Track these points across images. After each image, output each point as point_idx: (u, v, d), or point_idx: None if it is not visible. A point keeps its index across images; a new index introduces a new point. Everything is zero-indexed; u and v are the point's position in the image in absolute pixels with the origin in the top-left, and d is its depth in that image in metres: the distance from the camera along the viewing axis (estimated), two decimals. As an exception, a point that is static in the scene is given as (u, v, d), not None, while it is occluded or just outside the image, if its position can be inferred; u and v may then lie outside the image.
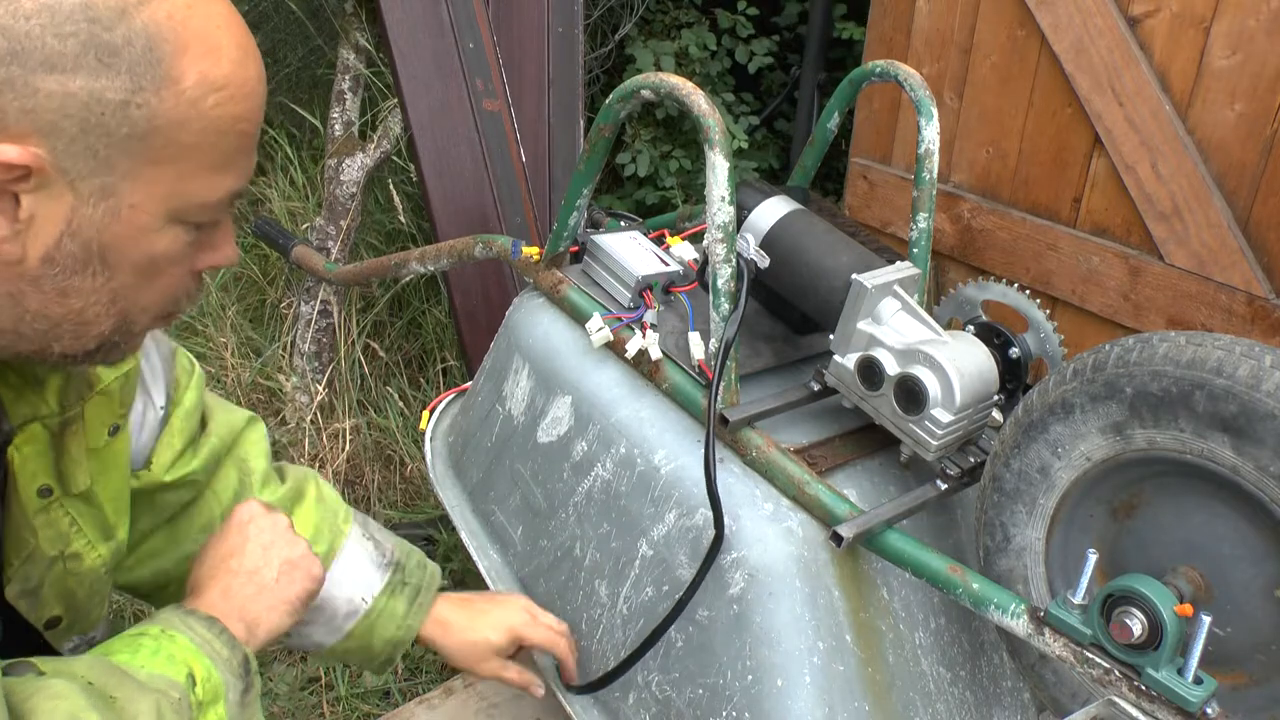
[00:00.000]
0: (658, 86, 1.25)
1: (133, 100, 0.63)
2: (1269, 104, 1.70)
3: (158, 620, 0.83)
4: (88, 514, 0.89)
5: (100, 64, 0.62)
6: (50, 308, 0.68)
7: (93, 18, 0.61)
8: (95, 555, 0.90)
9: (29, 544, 0.84)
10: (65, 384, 0.83)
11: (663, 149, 3.05)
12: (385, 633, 1.13)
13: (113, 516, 0.92)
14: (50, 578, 0.87)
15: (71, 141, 0.63)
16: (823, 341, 1.34)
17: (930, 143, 1.43)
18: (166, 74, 0.64)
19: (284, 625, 0.92)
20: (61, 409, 0.83)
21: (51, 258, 0.66)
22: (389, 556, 1.15)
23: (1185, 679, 0.92)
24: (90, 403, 0.86)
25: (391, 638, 1.13)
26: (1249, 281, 1.77)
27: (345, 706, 1.81)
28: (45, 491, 0.84)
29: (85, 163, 0.64)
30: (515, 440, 1.50)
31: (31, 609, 0.87)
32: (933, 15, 2.20)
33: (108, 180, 0.65)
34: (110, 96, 0.63)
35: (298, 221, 2.67)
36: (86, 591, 0.92)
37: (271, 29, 3.46)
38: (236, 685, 0.83)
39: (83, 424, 0.85)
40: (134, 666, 0.76)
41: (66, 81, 0.61)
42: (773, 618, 1.14)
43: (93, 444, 0.87)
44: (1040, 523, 1.12)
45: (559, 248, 1.51)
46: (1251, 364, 0.90)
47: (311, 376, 2.36)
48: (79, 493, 0.87)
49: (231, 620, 0.87)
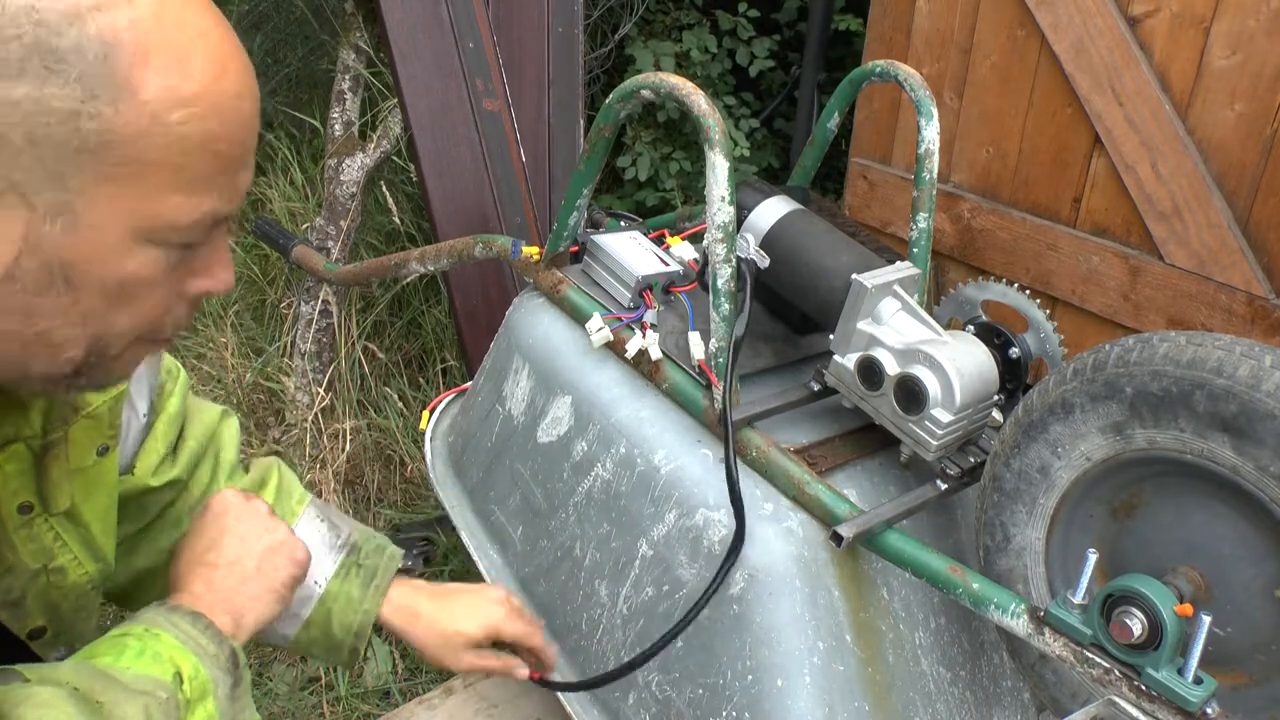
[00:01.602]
0: (658, 86, 1.25)
1: (83, 110, 0.59)
2: (1269, 104, 1.70)
3: (141, 619, 0.82)
4: (73, 531, 0.88)
5: (46, 70, 0.58)
6: (16, 329, 0.64)
7: (39, 21, 0.57)
8: (81, 572, 0.89)
9: (7, 559, 0.83)
10: (50, 406, 0.82)
11: (663, 150, 3.05)
12: (344, 619, 1.07)
13: (100, 537, 0.91)
14: (34, 590, 0.86)
15: (19, 153, 0.59)
16: (823, 341, 1.34)
17: (930, 143, 1.43)
18: (124, 84, 0.60)
19: (271, 613, 0.90)
20: (44, 431, 0.82)
21: (11, 275, 0.62)
22: (344, 539, 1.11)
23: (1185, 679, 0.92)
24: (75, 425, 0.84)
25: (350, 624, 1.08)
26: (1249, 281, 1.77)
27: (345, 706, 1.81)
28: (25, 509, 0.83)
29: (36, 176, 0.60)
30: (515, 440, 1.50)
31: (14, 620, 0.86)
32: (933, 15, 2.20)
33: (62, 196, 0.61)
34: (57, 105, 0.58)
35: (298, 221, 2.67)
36: (71, 605, 0.91)
37: (271, 29, 3.47)
38: (225, 680, 0.82)
39: (66, 447, 0.84)
40: (119, 668, 0.75)
41: (9, 89, 0.57)
42: (773, 618, 1.14)
43: (78, 464, 0.86)
44: (1040, 523, 1.12)
45: (559, 248, 1.51)
46: (1251, 364, 0.90)
47: (312, 377, 2.36)
48: (59, 513, 0.86)
49: (216, 614, 0.85)
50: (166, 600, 0.87)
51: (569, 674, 1.37)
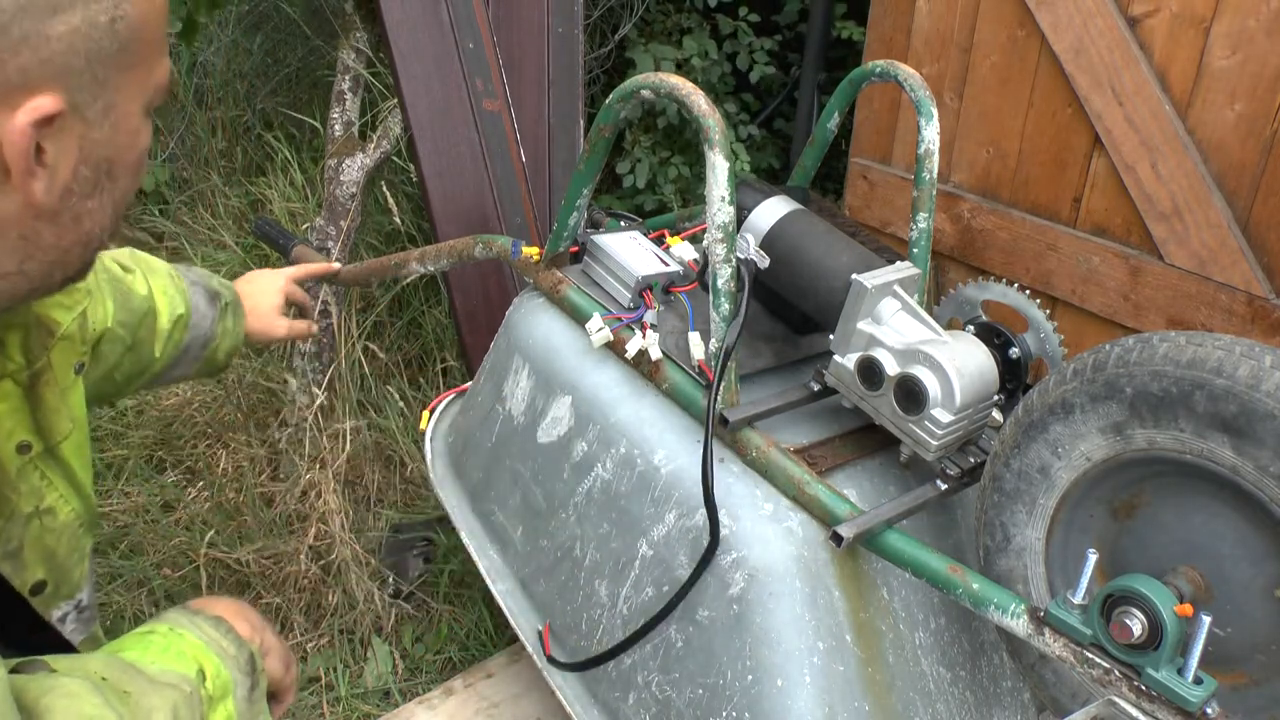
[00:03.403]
0: (658, 86, 1.25)
1: (116, 15, 0.65)
2: (1269, 104, 1.70)
3: (165, 619, 0.84)
4: (56, 469, 0.90)
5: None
6: (65, 238, 0.70)
7: None
8: (69, 509, 0.92)
9: (11, 502, 0.85)
10: (26, 338, 0.85)
11: (661, 155, 3.05)
12: (226, 345, 1.32)
13: (80, 472, 0.94)
14: (29, 537, 0.88)
15: (80, 75, 0.64)
16: (823, 341, 1.34)
17: (930, 143, 1.43)
18: None
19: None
20: (28, 362, 0.84)
21: (69, 190, 0.67)
22: (210, 290, 1.30)
23: (1185, 679, 0.92)
24: (55, 349, 0.88)
25: (231, 348, 1.33)
26: (1249, 281, 1.77)
27: (345, 706, 1.81)
28: (24, 448, 0.85)
29: (92, 91, 0.65)
30: (515, 440, 1.50)
31: (15, 572, 0.87)
32: (933, 15, 2.20)
33: (107, 99, 0.67)
34: (102, 19, 0.64)
35: (298, 222, 2.67)
36: (66, 549, 0.93)
37: (271, 29, 3.46)
38: (244, 682, 0.84)
39: (53, 373, 0.87)
40: (145, 663, 0.77)
41: (69, 19, 0.62)
42: (773, 618, 1.14)
43: (63, 386, 0.89)
44: (1040, 523, 1.12)
45: (559, 248, 1.51)
46: (1251, 364, 0.90)
47: (312, 377, 2.36)
48: (60, 441, 0.89)
49: (236, 620, 0.87)
50: (188, 605, 0.88)
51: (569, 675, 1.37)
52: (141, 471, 2.29)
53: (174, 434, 2.40)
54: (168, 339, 1.22)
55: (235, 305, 1.36)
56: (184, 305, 1.25)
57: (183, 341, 1.26)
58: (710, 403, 1.21)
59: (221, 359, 1.34)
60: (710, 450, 1.18)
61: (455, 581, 2.08)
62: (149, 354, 1.19)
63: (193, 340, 1.27)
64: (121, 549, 2.09)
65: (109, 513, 2.17)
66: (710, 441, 1.19)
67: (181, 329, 1.25)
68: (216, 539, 2.07)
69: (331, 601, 2.01)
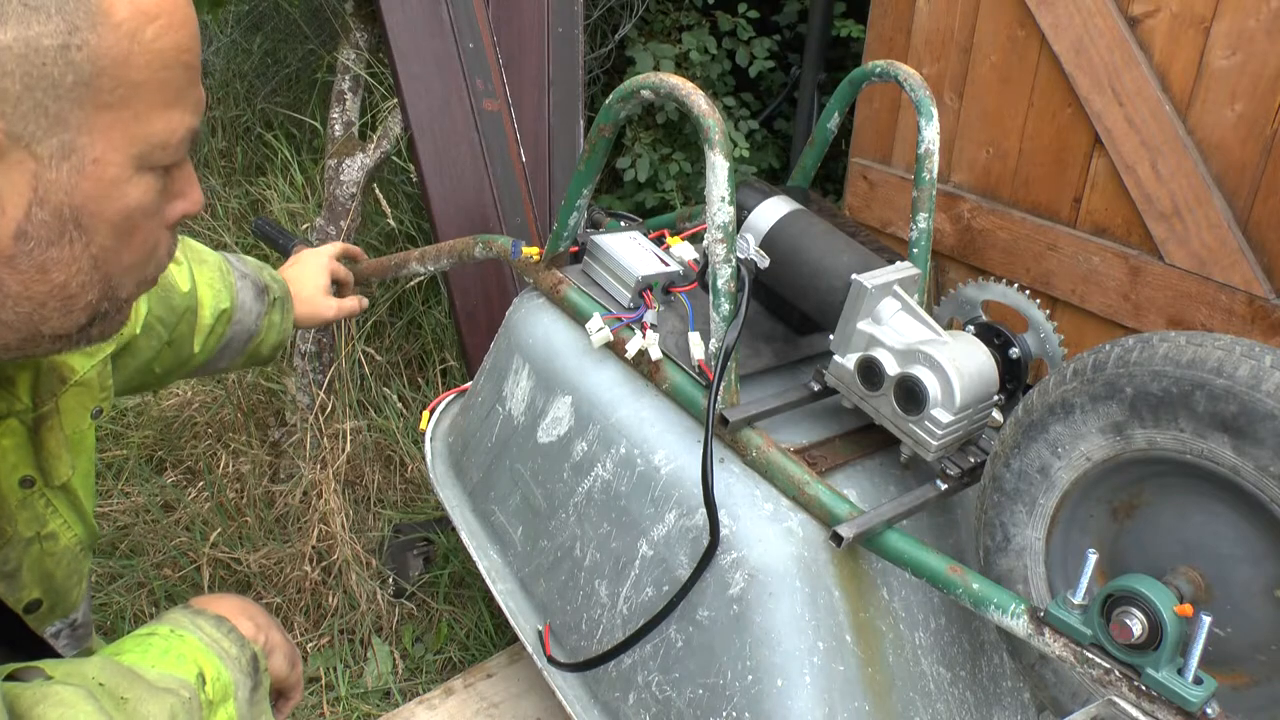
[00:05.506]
0: (658, 86, 1.25)
1: (70, 43, 0.59)
2: (1269, 104, 1.70)
3: (166, 620, 0.83)
4: (62, 497, 0.90)
5: (26, 9, 0.58)
6: (32, 287, 0.65)
7: None
8: (71, 535, 0.92)
9: (6, 532, 0.84)
10: (36, 380, 0.83)
11: (662, 152, 3.05)
12: (271, 340, 1.34)
13: (85, 500, 0.94)
14: (28, 559, 0.87)
15: (18, 102, 0.59)
16: (823, 341, 1.34)
17: (930, 143, 1.43)
18: (97, 11, 0.61)
19: None
20: (34, 405, 0.83)
21: (24, 232, 0.62)
22: (259, 284, 1.31)
23: (1185, 679, 0.92)
24: (65, 395, 0.86)
25: (277, 342, 1.35)
26: (1249, 281, 1.77)
27: (345, 706, 1.81)
28: (27, 482, 0.85)
29: (38, 122, 0.60)
30: (515, 440, 1.50)
31: (10, 592, 0.87)
32: (933, 15, 2.20)
33: (65, 137, 0.61)
34: (46, 43, 0.58)
35: (298, 222, 2.67)
36: (64, 571, 0.92)
37: (271, 29, 3.47)
38: (246, 684, 0.83)
39: (59, 417, 0.86)
40: (144, 666, 0.76)
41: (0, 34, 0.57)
42: (773, 618, 1.14)
43: (73, 430, 0.88)
44: (1040, 523, 1.12)
45: (559, 248, 1.51)
46: (1251, 364, 0.90)
47: (312, 377, 2.36)
48: (61, 484, 0.88)
49: (239, 619, 0.87)
50: (191, 603, 0.88)
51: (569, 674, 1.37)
52: (141, 472, 2.29)
53: (174, 434, 2.40)
54: (209, 333, 1.22)
55: (284, 300, 1.36)
56: (229, 300, 1.24)
57: (225, 335, 1.25)
58: (710, 403, 1.21)
59: (266, 353, 1.34)
60: (710, 450, 1.18)
61: (455, 581, 2.08)
62: (188, 349, 1.20)
63: (235, 335, 1.27)
64: (121, 549, 2.09)
65: (109, 513, 2.17)
66: (710, 441, 1.19)
67: (224, 324, 1.24)
68: (217, 540, 2.07)
69: (332, 602, 2.01)
